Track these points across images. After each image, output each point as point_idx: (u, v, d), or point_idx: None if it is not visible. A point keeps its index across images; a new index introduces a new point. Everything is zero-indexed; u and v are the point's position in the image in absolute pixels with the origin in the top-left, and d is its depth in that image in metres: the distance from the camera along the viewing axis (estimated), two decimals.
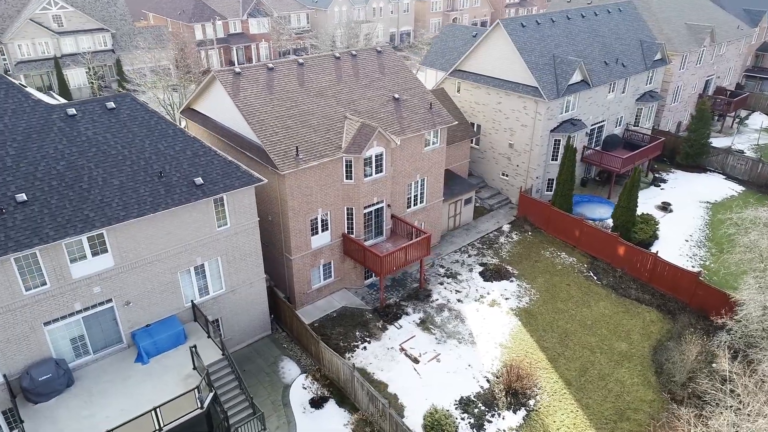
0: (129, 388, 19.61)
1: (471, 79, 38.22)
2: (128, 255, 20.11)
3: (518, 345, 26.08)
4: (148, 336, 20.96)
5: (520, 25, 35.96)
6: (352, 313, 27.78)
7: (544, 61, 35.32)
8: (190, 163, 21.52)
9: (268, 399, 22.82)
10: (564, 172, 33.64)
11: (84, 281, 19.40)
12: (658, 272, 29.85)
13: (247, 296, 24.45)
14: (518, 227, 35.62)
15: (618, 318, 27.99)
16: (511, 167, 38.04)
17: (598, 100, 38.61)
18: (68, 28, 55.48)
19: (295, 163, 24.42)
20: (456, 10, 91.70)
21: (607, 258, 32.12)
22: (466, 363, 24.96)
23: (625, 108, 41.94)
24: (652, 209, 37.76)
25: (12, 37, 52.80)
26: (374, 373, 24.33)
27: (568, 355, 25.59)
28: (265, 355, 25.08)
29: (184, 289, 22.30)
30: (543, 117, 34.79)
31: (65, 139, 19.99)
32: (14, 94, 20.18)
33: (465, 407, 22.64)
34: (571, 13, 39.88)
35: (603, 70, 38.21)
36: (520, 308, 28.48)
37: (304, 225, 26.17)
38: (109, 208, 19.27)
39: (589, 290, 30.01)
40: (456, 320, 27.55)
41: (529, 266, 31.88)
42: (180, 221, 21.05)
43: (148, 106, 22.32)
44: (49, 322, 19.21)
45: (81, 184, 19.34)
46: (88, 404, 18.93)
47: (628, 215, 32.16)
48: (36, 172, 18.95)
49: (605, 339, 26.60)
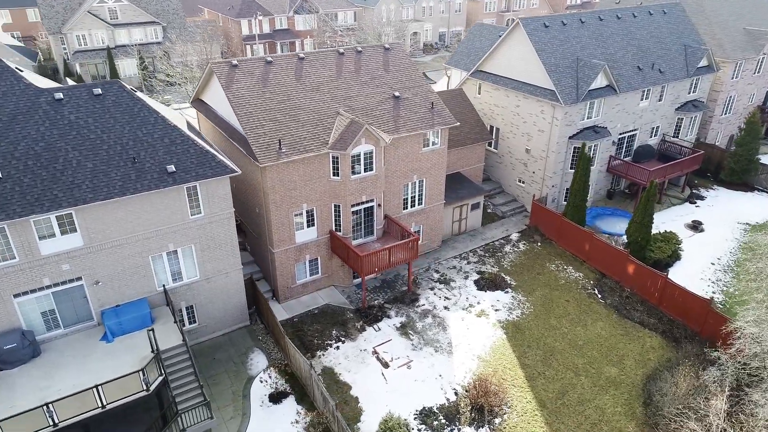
0: (88, 364, 20.26)
1: (491, 81, 36.89)
2: (97, 236, 20.79)
3: (497, 359, 24.80)
4: (114, 316, 21.60)
5: (543, 25, 34.25)
6: (333, 311, 27.47)
7: (565, 64, 33.46)
8: (166, 151, 21.97)
9: (229, 389, 22.96)
10: (577, 181, 31.70)
11: (52, 258, 20.24)
12: (667, 295, 27.52)
13: (222, 285, 24.70)
14: (527, 237, 33.98)
15: (614, 341, 26.02)
16: (528, 174, 36.38)
17: (627, 108, 36.14)
18: (122, 20, 58.65)
19: (276, 156, 24.40)
20: (511, 10, 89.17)
21: (616, 276, 30.00)
22: (438, 373, 24.01)
23: (662, 117, 39.03)
24: (680, 227, 34.93)
25: (71, 28, 56.47)
26: (341, 373, 23.91)
27: (549, 375, 24.05)
28: (238, 346, 25.25)
29: (157, 273, 22.80)
30: (560, 122, 32.97)
31: (48, 122, 20.93)
32: (7, 77, 21.36)
33: (425, 418, 21.76)
34: (604, 14, 37.58)
35: (635, 76, 35.72)
36: (508, 321, 27.11)
37: (287, 219, 26.13)
38: (78, 189, 19.99)
39: (588, 308, 28.12)
40: (438, 328, 26.60)
41: (530, 278, 30.31)
42: (151, 207, 21.54)
43: (134, 94, 23.00)
44: (19, 294, 20.18)
45: (55, 165, 20.18)
46: (48, 376, 19.72)
47: (642, 232, 29.84)
48: (15, 152, 19.96)
49: (594, 362, 24.79)
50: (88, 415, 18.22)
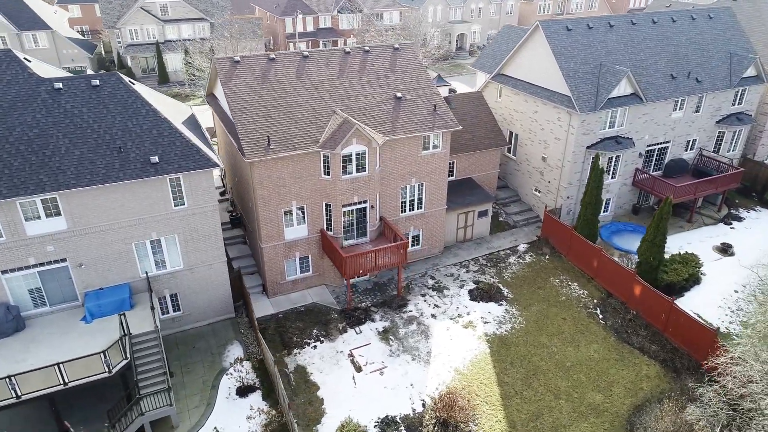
0: (64, 342, 21.20)
1: (511, 85, 35.62)
2: (81, 220, 21.72)
3: (475, 373, 23.85)
4: (95, 298, 22.50)
5: (565, 28, 32.63)
6: (319, 310, 27.39)
7: (586, 69, 31.72)
8: (153, 142, 22.63)
9: (201, 378, 23.36)
10: (589, 193, 29.97)
11: (37, 239, 21.33)
12: (673, 322, 25.49)
13: (206, 276, 25.19)
14: (536, 249, 32.52)
15: (606, 365, 24.39)
16: (543, 183, 34.83)
17: (657, 118, 33.81)
18: (172, 16, 61.29)
19: (263, 152, 24.59)
20: (568, 13, 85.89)
21: (622, 296, 28.14)
22: (410, 382, 23.39)
23: (700, 130, 36.25)
24: (708, 249, 32.30)
25: (125, 23, 59.64)
26: (312, 373, 23.78)
27: (526, 395, 22.86)
28: (219, 336, 25.67)
29: (140, 260, 23.55)
30: (576, 131, 31.31)
31: (45, 110, 22.07)
32: (13, 66, 22.70)
33: (385, 427, 21.23)
34: (638, 18, 35.34)
35: (666, 84, 33.35)
36: (496, 335, 26.03)
37: (276, 215, 26.28)
38: (63, 175, 20.95)
39: (585, 328, 26.52)
40: (420, 336, 25.93)
41: (529, 292, 28.98)
42: (134, 196, 22.25)
43: (131, 86, 23.85)
44: (6, 271, 21.41)
45: (45, 151, 21.25)
46: (25, 351, 20.80)
47: (653, 251, 27.76)
48: (9, 137, 21.17)
49: (579, 386, 23.32)
50: (50, 390, 19.05)
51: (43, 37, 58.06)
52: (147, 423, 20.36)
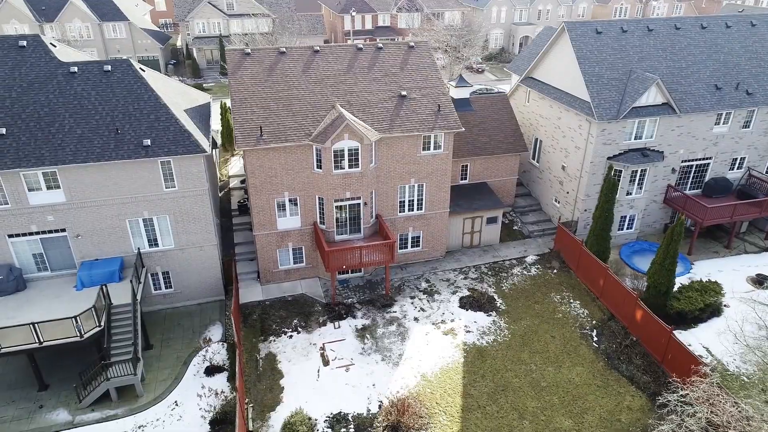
0: (53, 305, 23.01)
1: (538, 89, 34.08)
2: (78, 194, 23.45)
3: (441, 382, 23.14)
4: (87, 268, 24.22)
5: (594, 30, 30.68)
6: (305, 302, 27.73)
7: (612, 75, 29.67)
8: (149, 126, 23.96)
9: (176, 354, 24.45)
10: (600, 207, 28.05)
11: (39, 209, 23.29)
12: (671, 353, 23.32)
13: (196, 257, 26.30)
14: (545, 262, 30.94)
15: (584, 390, 22.79)
16: (563, 193, 33.04)
17: (696, 132, 30.97)
18: (237, 11, 64.28)
19: (255, 142, 25.26)
20: (646, 17, 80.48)
21: (624, 320, 26.16)
22: (373, 382, 23.12)
23: (750, 148, 32.77)
24: (740, 279, 29.20)
25: (193, 16, 63.30)
26: (281, 361, 24.15)
27: (489, 411, 21.86)
28: (205, 316, 26.72)
29: (134, 236, 25.04)
30: (595, 140, 29.40)
31: (58, 91, 24.03)
32: (39, 51, 24.88)
33: (334, 423, 21.15)
34: (685, 22, 32.50)
35: (708, 95, 30.44)
36: (475, 345, 25.09)
37: (268, 204, 26.91)
38: (63, 151, 22.72)
39: (573, 350, 24.91)
40: (397, 337, 25.55)
41: (524, 305, 27.65)
42: (127, 175, 23.69)
43: (139, 73, 25.37)
44: (12, 235, 23.56)
45: (51, 128, 23.14)
46: (19, 309, 22.81)
47: (662, 275, 25.49)
48: (23, 114, 23.26)
49: (549, 409, 21.96)
50: (27, 347, 20.76)
51: (121, 27, 63.01)
52: (112, 389, 21.65)
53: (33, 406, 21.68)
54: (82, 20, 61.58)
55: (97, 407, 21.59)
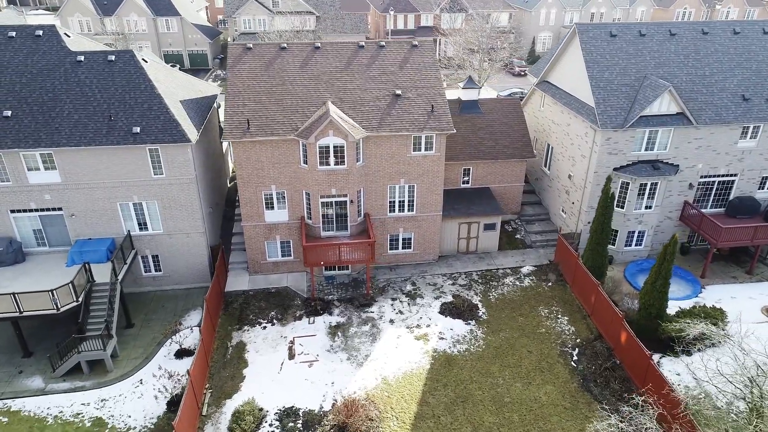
0: (42, 278, 24.52)
1: (551, 93, 32.68)
2: (72, 176, 24.86)
3: (401, 386, 22.68)
4: (78, 247, 25.62)
5: (608, 33, 29.00)
6: (286, 295, 28.02)
7: (623, 81, 27.94)
8: (140, 115, 25.02)
9: (151, 335, 25.39)
10: (597, 219, 26.51)
11: (37, 187, 24.90)
12: (648, 381, 21.69)
13: (183, 244, 27.21)
14: (541, 274, 29.64)
15: (550, 411, 21.63)
16: (568, 204, 31.52)
17: (717, 146, 28.61)
18: (282, 9, 65.80)
19: (242, 134, 25.77)
20: None
21: (611, 341, 24.64)
22: (332, 380, 23.01)
23: None
24: (754, 309, 26.69)
25: (240, 13, 65.43)
26: (249, 352, 24.54)
27: (443, 422, 21.20)
28: (189, 301, 27.58)
29: (124, 219, 26.24)
30: (599, 149, 27.81)
31: (63, 78, 25.57)
32: (52, 40, 26.56)
33: (283, 417, 21.24)
34: (714, 27, 30.08)
35: (732, 106, 28.04)
36: (445, 353, 24.41)
37: (255, 196, 27.38)
38: (58, 134, 24.15)
39: (548, 368, 23.70)
40: (368, 338, 25.30)
41: (507, 317, 26.60)
42: (118, 160, 24.87)
43: (140, 63, 26.52)
44: (13, 210, 25.31)
45: (51, 113, 24.65)
46: (13, 279, 24.48)
47: (653, 297, 23.74)
48: (28, 98, 24.93)
49: (506, 426, 21.01)
50: (8, 315, 22.23)
51: (173, 22, 66.17)
52: (84, 362, 22.79)
53: (14, 371, 23.22)
54: (138, 15, 65.19)
55: (69, 378, 22.80)
